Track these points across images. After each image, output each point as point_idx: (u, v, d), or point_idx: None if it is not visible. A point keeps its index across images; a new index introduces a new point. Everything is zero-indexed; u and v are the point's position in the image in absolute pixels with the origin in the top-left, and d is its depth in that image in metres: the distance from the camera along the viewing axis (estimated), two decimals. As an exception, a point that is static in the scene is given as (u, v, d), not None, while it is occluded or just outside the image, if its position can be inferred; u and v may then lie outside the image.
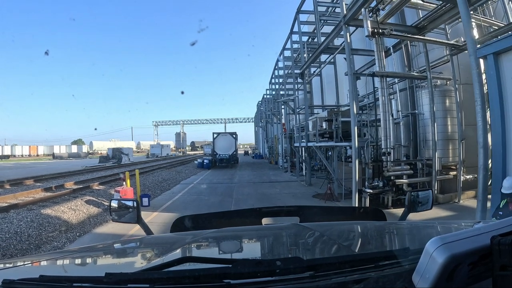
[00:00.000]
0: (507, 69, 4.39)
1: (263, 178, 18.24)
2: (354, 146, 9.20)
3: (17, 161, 41.36)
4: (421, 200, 1.80)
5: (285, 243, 1.40)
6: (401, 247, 1.00)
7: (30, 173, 19.36)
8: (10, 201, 9.45)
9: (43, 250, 6.12)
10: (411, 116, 12.88)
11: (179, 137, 76.84)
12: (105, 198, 10.18)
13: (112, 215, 1.83)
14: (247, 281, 0.74)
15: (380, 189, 9.82)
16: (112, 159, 30.41)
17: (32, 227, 6.89)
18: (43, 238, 6.60)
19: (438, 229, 1.59)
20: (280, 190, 13.32)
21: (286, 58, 23.64)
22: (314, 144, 12.33)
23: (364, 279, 0.75)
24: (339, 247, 1.17)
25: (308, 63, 14.96)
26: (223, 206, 9.76)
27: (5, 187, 12.96)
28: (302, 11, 17.05)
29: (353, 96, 9.33)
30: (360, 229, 1.59)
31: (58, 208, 8.37)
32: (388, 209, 9.54)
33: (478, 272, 0.65)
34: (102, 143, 66.96)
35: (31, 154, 57.33)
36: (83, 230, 7.37)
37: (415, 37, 10.70)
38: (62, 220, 7.60)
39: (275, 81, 29.93)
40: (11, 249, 5.99)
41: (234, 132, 29.86)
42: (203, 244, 1.41)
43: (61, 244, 6.43)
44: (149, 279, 0.72)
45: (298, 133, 16.18)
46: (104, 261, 1.29)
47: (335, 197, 10.86)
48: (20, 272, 1.00)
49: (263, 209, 1.77)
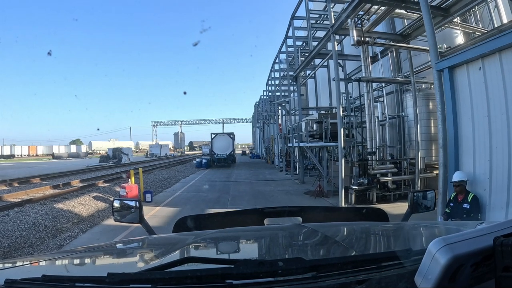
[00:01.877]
0: (460, 82, 5.20)
1: (259, 177, 19.06)
2: (340, 146, 10.02)
3: (18, 161, 41.87)
4: (424, 201, 1.79)
5: (287, 244, 1.39)
6: (403, 248, 1.02)
7: (34, 172, 20.02)
8: (22, 197, 10.19)
9: (59, 239, 6.87)
10: (397, 118, 13.66)
11: (177, 137, 77.71)
12: (110, 195, 10.96)
13: (115, 215, 1.83)
14: (249, 281, 0.75)
15: (365, 186, 10.63)
16: (113, 158, 31.13)
17: (48, 219, 7.66)
18: (58, 228, 7.36)
19: (441, 229, 1.61)
20: (274, 187, 14.12)
21: (281, 61, 24.51)
22: (305, 144, 13.14)
23: (366, 280, 0.75)
24: (341, 247, 1.17)
25: (301, 67, 15.77)
26: (220, 201, 10.56)
27: (13, 185, 13.70)
28: (296, 17, 17.86)
29: (339, 100, 10.11)
30: (363, 229, 1.57)
31: (68, 203, 9.14)
32: (372, 204, 10.37)
33: (480, 273, 0.65)
34: (101, 143, 67.54)
35: (30, 154, 57.79)
36: (93, 222, 8.13)
37: (398, 45, 11.49)
38: (73, 213, 8.37)
39: (272, 82, 30.77)
40: (31, 237, 6.74)
41: (232, 132, 30.79)
42: (205, 244, 1.41)
43: (75, 234, 7.19)
44: (151, 279, 0.73)
45: (291, 134, 17.00)
46: (106, 261, 1.30)
47: (324, 194, 11.67)
48: (22, 272, 1.01)
49: (265, 209, 1.76)
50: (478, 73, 4.83)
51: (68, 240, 6.78)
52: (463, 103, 5.17)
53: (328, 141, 11.64)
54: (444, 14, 9.17)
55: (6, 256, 5.79)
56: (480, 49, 4.79)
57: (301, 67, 15.73)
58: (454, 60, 5.11)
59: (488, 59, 4.73)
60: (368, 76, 11.38)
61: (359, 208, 2.03)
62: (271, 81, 30.74)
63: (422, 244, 1.12)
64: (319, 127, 12.84)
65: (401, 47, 11.74)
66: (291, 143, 17.04)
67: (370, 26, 10.86)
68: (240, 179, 17.85)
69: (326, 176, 12.47)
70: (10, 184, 13.70)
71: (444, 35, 11.94)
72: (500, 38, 4.56)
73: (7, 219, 7.39)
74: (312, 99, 25.76)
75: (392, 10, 9.96)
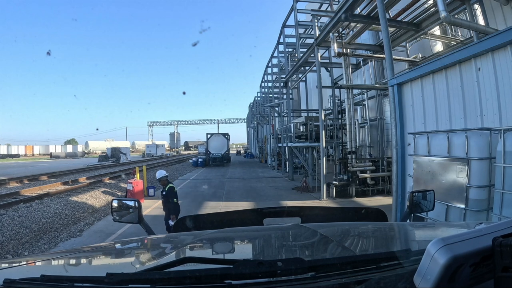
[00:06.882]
0: (405, 97, 6.58)
1: (252, 175, 20.40)
2: (322, 146, 11.35)
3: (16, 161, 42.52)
4: (423, 201, 1.80)
5: (287, 244, 1.39)
6: (402, 248, 1.00)
7: (39, 171, 20.99)
8: (38, 192, 11.33)
9: (80, 225, 8.08)
10: (377, 121, 15.04)
11: (173, 137, 78.95)
12: (117, 190, 12.18)
13: (114, 215, 1.81)
14: (248, 281, 0.75)
15: (345, 182, 11.98)
16: (111, 158, 32.15)
17: (67, 209, 8.88)
18: (77, 217, 8.59)
19: (440, 230, 1.61)
20: (265, 184, 15.44)
21: (274, 65, 25.91)
22: (293, 145, 14.50)
23: (366, 280, 0.75)
24: (340, 248, 1.17)
25: (290, 73, 17.13)
26: (216, 195, 11.86)
27: (24, 182, 14.81)
28: (287, 26, 19.20)
29: (321, 106, 11.45)
30: (362, 230, 1.58)
31: (82, 196, 10.36)
32: (352, 198, 11.72)
33: (480, 274, 0.65)
34: (98, 143, 68.35)
35: (27, 153, 58.28)
36: (105, 212, 9.33)
37: (376, 55, 12.84)
38: (88, 205, 9.59)
39: (265, 85, 32.11)
40: (55, 224, 7.95)
41: (227, 133, 32.13)
42: (204, 244, 1.42)
43: (92, 221, 8.40)
44: (150, 279, 0.74)
45: (281, 135, 18.37)
46: (106, 261, 1.29)
47: (309, 189, 13.01)
48: (21, 272, 1.01)
49: (264, 209, 1.77)
50: (419, 89, 6.20)
51: (87, 226, 7.99)
52: (407, 112, 6.55)
53: (313, 141, 12.99)
54: (416, 29, 10.55)
55: (38, 238, 7.00)
56: (420, 71, 6.16)
57: (290, 73, 17.08)
58: (401, 79, 6.48)
59: (425, 78, 6.10)
60: (349, 84, 12.75)
61: (358, 209, 2.03)
62: (264, 83, 32.07)
63: (421, 244, 1.13)
64: (305, 129, 14.19)
65: (378, 58, 13.09)
66: (281, 143, 18.40)
67: (351, 38, 12.21)
68: (234, 177, 19.14)
69: (312, 173, 13.82)
70: (21, 181, 14.81)
71: (424, 44, 13.31)
72: (433, 63, 5.93)
73: (31, 209, 8.57)
74: (304, 102, 27.10)
75: (368, 26, 11.31)
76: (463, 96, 5.26)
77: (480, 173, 4.19)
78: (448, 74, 5.55)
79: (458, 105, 5.38)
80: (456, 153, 4.46)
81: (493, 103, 4.67)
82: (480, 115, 4.94)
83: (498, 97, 4.57)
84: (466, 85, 5.19)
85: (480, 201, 4.19)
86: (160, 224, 5.85)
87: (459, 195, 4.37)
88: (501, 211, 3.76)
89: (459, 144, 4.42)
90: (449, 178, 4.60)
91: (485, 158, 4.18)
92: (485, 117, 4.84)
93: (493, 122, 4.60)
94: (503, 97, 4.49)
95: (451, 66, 5.45)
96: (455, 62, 5.34)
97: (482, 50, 4.73)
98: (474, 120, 5.05)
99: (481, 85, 4.87)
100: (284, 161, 20.51)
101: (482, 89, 4.87)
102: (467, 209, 4.26)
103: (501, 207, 3.76)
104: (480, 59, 4.89)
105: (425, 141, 5.04)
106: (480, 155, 4.19)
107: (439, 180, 4.75)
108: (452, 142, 4.54)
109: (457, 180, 4.45)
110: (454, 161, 4.50)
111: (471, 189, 4.24)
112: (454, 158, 4.49)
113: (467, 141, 4.27)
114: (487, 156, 4.18)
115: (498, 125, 4.41)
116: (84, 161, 37.63)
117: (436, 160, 4.81)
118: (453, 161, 4.51)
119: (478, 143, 4.24)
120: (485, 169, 4.17)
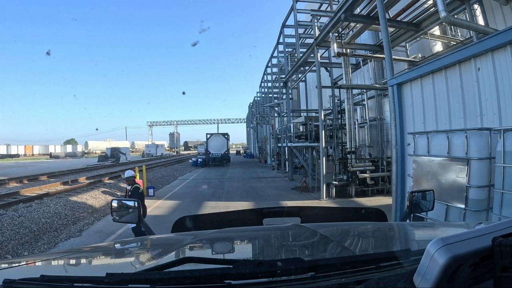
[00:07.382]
0: (405, 97, 6.58)
1: (251, 175, 20.40)
2: (321, 146, 11.35)
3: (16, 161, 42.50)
4: (422, 201, 1.80)
5: (286, 244, 1.39)
6: (402, 248, 1.00)
7: (38, 171, 20.98)
8: (37, 192, 11.32)
9: (79, 225, 8.08)
10: (377, 121, 15.03)
11: (173, 137, 78.99)
12: (116, 190, 12.18)
13: (113, 215, 1.81)
14: (248, 281, 0.76)
15: (345, 182, 11.98)
16: (111, 158, 32.14)
17: (66, 209, 8.86)
18: (76, 217, 8.58)
19: (440, 230, 1.61)
20: (265, 184, 15.44)
21: (273, 65, 25.91)
22: (293, 145, 14.49)
23: (365, 280, 0.76)
24: (340, 248, 1.17)
25: (290, 73, 17.12)
26: (216, 195, 11.86)
27: (24, 182, 14.80)
28: (286, 26, 19.21)
29: (320, 106, 11.45)
30: (361, 230, 1.58)
31: (81, 196, 10.35)
32: (351, 198, 11.72)
33: (479, 274, 0.65)
34: (97, 143, 68.35)
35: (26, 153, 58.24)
36: (105, 212, 9.32)
37: (375, 55, 12.84)
38: (87, 205, 9.58)
39: (265, 85, 32.11)
40: (55, 224, 7.94)
41: (226, 133, 32.15)
42: (204, 244, 1.42)
43: (91, 221, 8.39)
44: (150, 279, 0.74)
45: (281, 135, 18.36)
46: (105, 261, 1.30)
47: (309, 189, 13.01)
48: (21, 272, 1.00)
49: (264, 209, 1.77)
50: (418, 89, 6.20)
51: (86, 226, 7.98)
52: (407, 112, 6.55)
53: (313, 141, 12.99)
54: (416, 29, 10.55)
55: (38, 238, 7.00)
56: (420, 71, 6.16)
57: (290, 73, 17.08)
58: (400, 79, 6.48)
59: (425, 78, 6.10)
60: (348, 84, 12.75)
61: (357, 209, 2.01)
62: (264, 83, 32.07)
63: (421, 244, 1.12)
64: (305, 129, 14.18)
65: (377, 58, 13.09)
66: (281, 143, 18.40)
67: (351, 38, 12.21)
68: (234, 177, 19.15)
69: (311, 173, 13.82)
70: (20, 181, 14.79)
71: (423, 44, 13.32)
72: (433, 63, 5.93)
73: (31, 209, 8.56)
74: (304, 102, 27.11)
75: (367, 26, 11.31)
76: (463, 96, 5.26)
77: (479, 173, 4.19)
78: (448, 74, 5.56)
79: (457, 105, 5.39)
80: (456, 153, 4.46)
81: (492, 103, 4.68)
82: (479, 115, 4.95)
83: (497, 97, 4.57)
84: (466, 85, 5.19)
85: (480, 201, 4.20)
86: (160, 224, 5.84)
87: (458, 195, 4.37)
88: (500, 211, 3.77)
89: (459, 144, 4.42)
90: (449, 178, 4.60)
91: (485, 158, 4.18)
92: (485, 117, 4.84)
93: (493, 122, 4.61)
94: (502, 97, 4.49)
95: (450, 66, 5.45)
96: (454, 62, 5.35)
97: (482, 50, 4.73)
98: (473, 120, 5.05)
99: (481, 85, 4.87)
100: (283, 161, 20.52)
101: (481, 89, 4.87)
102: (467, 209, 4.26)
103: (500, 207, 3.77)
104: (479, 59, 4.89)
105: (425, 141, 5.04)
106: (479, 155, 4.20)
107: (439, 180, 4.75)
108: (452, 142, 4.54)
109: (457, 180, 4.45)
110: (453, 161, 4.50)
111: (471, 189, 4.24)
112: (454, 158, 4.49)
113: (467, 141, 4.28)
114: (487, 156, 4.18)
115: (498, 125, 4.41)
116: (83, 161, 37.63)
117: (435, 160, 4.82)
118: (453, 161, 4.51)
119: (478, 143, 4.24)
120: (485, 169, 4.17)
